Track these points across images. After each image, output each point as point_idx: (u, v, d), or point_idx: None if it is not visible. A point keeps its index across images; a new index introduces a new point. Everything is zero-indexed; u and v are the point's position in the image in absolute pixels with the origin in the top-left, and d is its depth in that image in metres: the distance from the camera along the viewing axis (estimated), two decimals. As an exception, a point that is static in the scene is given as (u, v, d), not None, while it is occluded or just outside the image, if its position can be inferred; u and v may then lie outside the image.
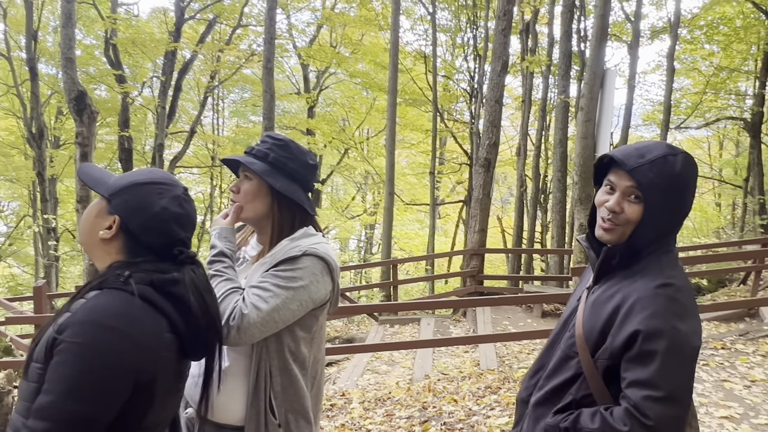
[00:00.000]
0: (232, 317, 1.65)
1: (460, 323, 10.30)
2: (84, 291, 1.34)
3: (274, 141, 1.89)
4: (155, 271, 1.37)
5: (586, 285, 1.58)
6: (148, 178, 1.44)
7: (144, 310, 1.32)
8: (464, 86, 19.56)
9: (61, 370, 1.21)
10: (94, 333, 1.23)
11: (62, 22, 9.83)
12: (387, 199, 14.34)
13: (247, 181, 1.87)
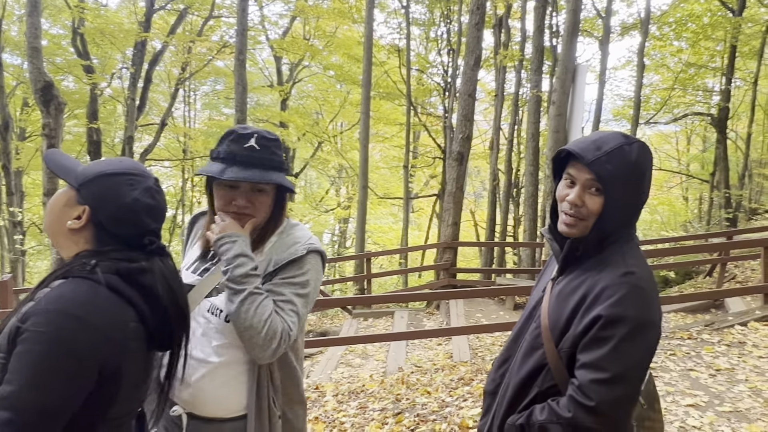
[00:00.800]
0: (282, 340, 1.64)
1: (433, 316, 10.36)
2: (49, 280, 1.32)
3: (272, 142, 1.77)
4: (123, 260, 1.35)
5: (550, 276, 1.60)
6: (119, 169, 1.40)
7: (109, 300, 1.30)
8: (438, 80, 19.62)
9: (24, 359, 1.19)
10: (58, 321, 1.21)
11: (27, 10, 9.59)
12: (361, 192, 14.33)
13: (263, 194, 1.77)
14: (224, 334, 1.73)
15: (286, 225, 1.85)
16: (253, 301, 1.64)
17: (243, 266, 1.67)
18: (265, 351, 1.63)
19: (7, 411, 1.17)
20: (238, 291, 1.65)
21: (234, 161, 1.71)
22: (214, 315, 1.75)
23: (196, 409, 1.74)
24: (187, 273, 1.86)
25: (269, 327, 1.62)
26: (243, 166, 1.70)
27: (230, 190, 1.75)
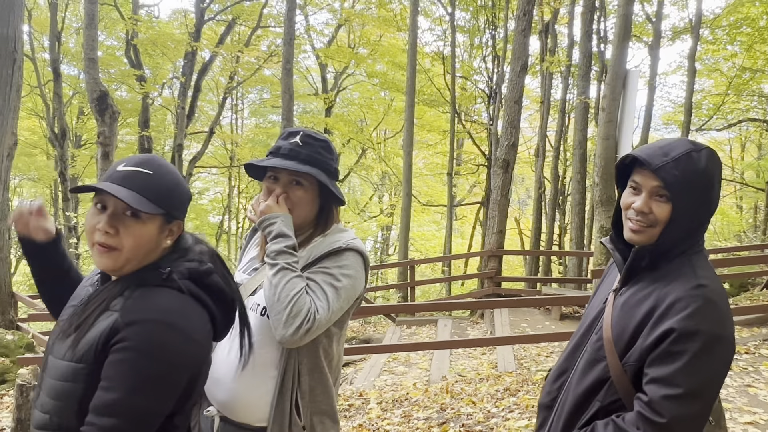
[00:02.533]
0: (307, 319, 1.62)
1: (477, 325, 10.26)
2: (120, 289, 1.34)
3: (319, 143, 1.82)
4: (191, 263, 1.39)
5: (611, 287, 1.55)
6: (176, 174, 1.43)
7: (193, 306, 1.35)
8: (482, 87, 19.50)
9: (125, 368, 1.24)
10: (156, 331, 1.27)
11: (85, 23, 9.96)
12: (404, 199, 14.34)
13: (300, 189, 1.79)
14: (259, 330, 1.73)
15: (335, 229, 1.86)
16: (284, 275, 1.66)
17: (279, 243, 1.70)
18: (289, 328, 1.61)
19: (111, 417, 1.23)
20: (272, 265, 1.68)
21: (277, 154, 1.78)
22: (253, 312, 1.77)
23: (228, 413, 1.74)
24: (239, 273, 1.92)
25: (295, 303, 1.62)
26: (284, 158, 1.76)
27: (272, 182, 1.81)
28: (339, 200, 1.86)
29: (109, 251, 1.33)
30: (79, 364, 1.28)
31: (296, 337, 1.61)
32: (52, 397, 1.31)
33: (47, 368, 1.35)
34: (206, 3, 17.42)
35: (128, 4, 17.77)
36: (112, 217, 1.33)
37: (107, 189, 1.29)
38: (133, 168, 1.35)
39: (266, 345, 1.72)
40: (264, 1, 18.23)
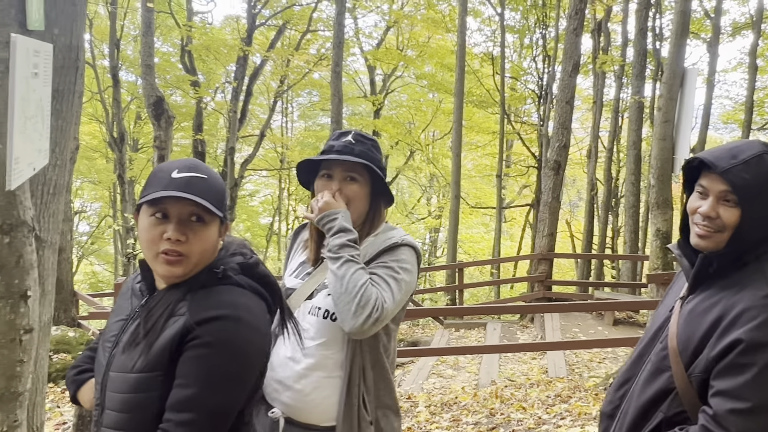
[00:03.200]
0: (375, 308, 1.64)
1: (527, 329, 10.11)
2: (181, 293, 1.36)
3: (370, 141, 1.86)
4: (239, 257, 1.43)
5: (678, 295, 1.49)
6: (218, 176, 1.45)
7: (255, 301, 1.38)
8: (532, 87, 19.21)
9: (201, 364, 1.27)
10: (226, 327, 1.30)
11: (142, 30, 10.28)
12: (453, 201, 14.25)
13: (355, 184, 1.83)
14: (322, 332, 1.76)
15: (385, 228, 1.89)
16: (349, 267, 1.68)
17: (342, 237, 1.73)
18: (358, 318, 1.63)
19: (188, 413, 1.26)
20: (336, 258, 1.71)
21: (330, 152, 1.81)
22: (313, 315, 1.79)
23: (293, 414, 1.76)
24: (290, 278, 1.93)
25: (363, 294, 1.64)
26: (338, 154, 1.79)
27: (327, 181, 1.83)
28: (388, 198, 1.89)
29: (179, 258, 1.34)
30: (153, 372, 1.30)
31: (365, 327, 1.63)
32: (124, 410, 1.33)
33: (109, 384, 1.37)
34: (257, 9, 17.74)
35: (183, 11, 18.28)
36: (180, 224, 1.34)
37: (189, 197, 1.32)
38: (190, 174, 1.37)
39: (331, 347, 1.76)
40: (314, 6, 18.44)
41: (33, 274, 1.90)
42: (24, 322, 1.90)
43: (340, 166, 1.81)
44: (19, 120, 1.56)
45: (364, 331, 1.65)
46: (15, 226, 1.78)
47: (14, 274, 1.83)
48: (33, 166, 1.80)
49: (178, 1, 18.58)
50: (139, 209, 1.40)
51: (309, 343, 1.76)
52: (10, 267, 1.81)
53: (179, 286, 1.38)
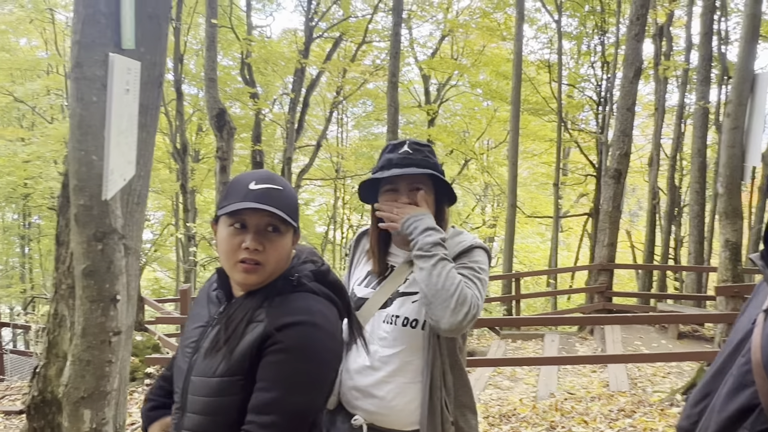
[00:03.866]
0: (473, 305, 1.67)
1: (586, 341, 9.88)
2: (258, 300, 1.42)
3: (426, 147, 1.88)
4: (311, 264, 1.48)
5: (762, 307, 1.45)
6: (284, 183, 1.49)
7: (326, 305, 1.43)
8: (590, 94, 18.86)
9: (282, 369, 1.33)
10: (305, 332, 1.35)
11: (206, 44, 10.64)
12: (509, 210, 14.11)
13: (422, 192, 1.84)
14: (400, 340, 1.79)
15: (452, 233, 1.90)
16: (444, 266, 1.70)
17: (432, 236, 1.74)
18: (456, 316, 1.64)
19: (271, 415, 1.31)
20: (429, 256, 1.71)
21: (391, 166, 1.82)
22: (390, 324, 1.82)
23: (377, 421, 1.80)
24: (360, 288, 1.95)
25: (460, 291, 1.66)
26: (400, 167, 1.81)
27: (393, 194, 1.85)
28: (451, 198, 1.91)
29: (256, 267, 1.40)
30: (235, 377, 1.35)
31: (464, 324, 1.65)
32: (207, 413, 1.38)
33: (190, 388, 1.42)
34: (314, 22, 18.08)
35: (243, 26, 18.80)
36: (258, 234, 1.40)
37: (266, 208, 1.38)
38: (267, 185, 1.43)
39: (411, 354, 1.79)
40: (369, 18, 18.65)
41: (122, 279, 2.02)
42: (113, 324, 2.01)
43: (404, 179, 1.83)
44: (114, 134, 1.67)
45: (461, 329, 1.66)
46: (107, 233, 1.90)
47: (105, 279, 1.95)
48: (123, 177, 1.91)
49: (238, 16, 19.14)
50: (218, 220, 1.47)
51: (387, 351, 1.80)
52: (102, 272, 1.93)
53: (256, 294, 1.44)
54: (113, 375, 2.08)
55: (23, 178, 18.11)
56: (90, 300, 1.94)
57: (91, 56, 1.70)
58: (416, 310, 1.80)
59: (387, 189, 1.86)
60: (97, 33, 1.71)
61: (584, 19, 18.14)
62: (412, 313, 1.80)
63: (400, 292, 1.84)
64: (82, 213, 1.83)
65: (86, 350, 1.99)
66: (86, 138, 1.74)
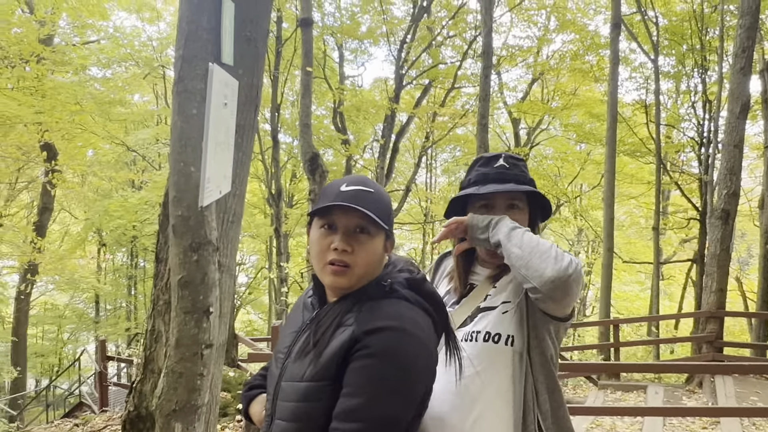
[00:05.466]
0: (573, 263, 1.53)
1: (694, 395, 9.14)
2: (348, 305, 1.39)
3: (522, 162, 1.80)
4: (405, 273, 1.43)
5: None
6: (376, 186, 1.47)
7: (419, 314, 1.37)
8: (691, 135, 18.00)
9: (368, 374, 1.28)
10: (394, 338, 1.30)
11: (301, 92, 11.10)
12: (605, 255, 13.51)
13: (518, 211, 1.76)
14: (482, 357, 1.66)
15: None
16: (533, 235, 1.61)
17: (513, 223, 1.66)
18: (560, 263, 1.51)
19: (356, 422, 1.26)
20: (517, 227, 1.63)
21: (487, 180, 1.74)
22: (469, 341, 1.70)
23: None
24: None
25: (557, 250, 1.54)
26: (497, 183, 1.71)
27: (487, 210, 1.75)
28: (546, 214, 1.82)
29: (345, 269, 1.38)
30: (321, 382, 1.31)
31: (570, 272, 1.51)
32: (293, 419, 1.35)
33: (280, 394, 1.40)
34: (404, 70, 18.52)
35: (335, 76, 19.57)
36: (346, 235, 1.38)
37: (355, 207, 1.36)
38: (357, 187, 1.41)
39: (495, 372, 1.65)
40: (458, 64, 18.90)
41: (215, 291, 2.05)
42: (206, 337, 2.04)
43: (501, 196, 1.73)
44: (212, 143, 1.72)
45: (569, 279, 1.51)
46: (202, 244, 1.94)
47: (199, 291, 1.98)
48: (219, 189, 1.96)
49: (331, 67, 19.95)
50: (311, 223, 1.46)
51: (469, 370, 1.66)
52: (197, 283, 1.97)
53: (347, 298, 1.41)
54: (204, 389, 2.10)
55: (132, 221, 19.40)
56: (184, 311, 1.97)
57: (192, 70, 1.78)
58: (497, 323, 1.67)
59: (481, 205, 1.77)
60: (198, 47, 1.79)
61: (683, 58, 17.50)
62: (493, 326, 1.67)
63: (481, 308, 1.73)
64: (179, 223, 1.88)
65: (179, 362, 2.02)
66: (185, 150, 1.80)
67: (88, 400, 11.39)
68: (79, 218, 24.23)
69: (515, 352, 1.65)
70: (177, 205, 1.86)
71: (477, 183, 1.76)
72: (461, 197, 1.81)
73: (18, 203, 21.71)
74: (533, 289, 1.56)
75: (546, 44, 19.60)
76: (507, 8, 18.40)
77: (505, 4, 18.31)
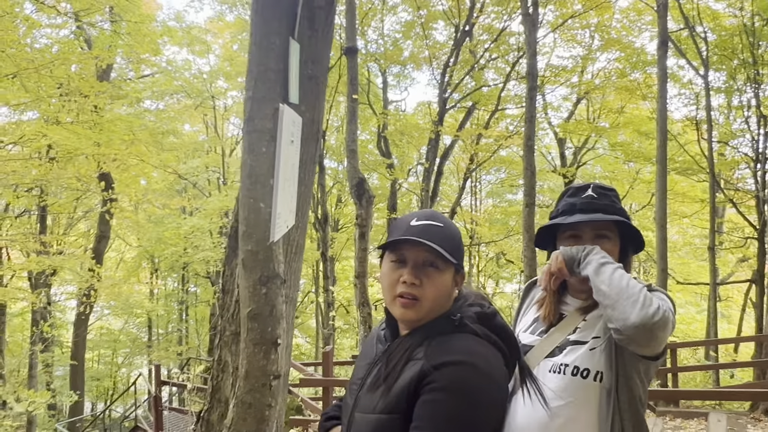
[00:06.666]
0: (661, 309, 1.52)
1: (760, 423, 8.74)
2: (419, 339, 1.41)
3: (612, 192, 1.79)
4: (476, 306, 1.44)
5: None
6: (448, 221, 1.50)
7: (489, 349, 1.38)
8: (746, 150, 17.46)
9: (436, 408, 1.29)
10: (462, 372, 1.31)
11: (347, 118, 11.27)
12: (660, 276, 13.13)
13: (608, 242, 1.74)
14: (568, 391, 1.65)
15: None
16: (624, 274, 1.59)
17: (606, 257, 1.64)
18: (647, 310, 1.49)
19: None
20: (610, 263, 1.61)
21: (574, 210, 1.74)
22: (557, 373, 1.69)
23: None
24: (525, 334, 1.85)
25: (646, 295, 1.52)
26: (584, 213, 1.71)
27: (575, 241, 1.75)
28: (638, 246, 1.79)
29: (413, 302, 1.41)
30: (392, 414, 1.33)
31: (656, 320, 1.50)
32: None
33: (354, 424, 1.43)
34: (448, 93, 18.59)
35: (379, 102, 19.78)
36: (415, 268, 1.41)
37: (423, 242, 1.39)
38: (427, 222, 1.44)
39: (581, 407, 1.64)
40: (502, 86, 18.87)
41: (282, 323, 2.10)
42: (274, 368, 2.09)
43: (589, 225, 1.73)
44: (282, 179, 1.78)
45: (653, 327, 1.50)
46: (270, 278, 2.00)
47: (268, 323, 2.04)
48: (287, 224, 2.02)
49: (375, 93, 20.18)
50: (383, 257, 1.50)
51: (554, 402, 1.64)
52: (265, 315, 2.03)
53: (418, 332, 1.43)
54: (272, 420, 2.14)
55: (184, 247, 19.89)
56: (254, 343, 2.03)
57: (262, 110, 1.85)
58: (587, 358, 1.66)
59: (569, 235, 1.77)
60: (267, 89, 1.86)
61: (734, 72, 17.06)
62: (582, 362, 1.66)
63: (571, 340, 1.72)
64: (249, 258, 1.95)
65: (248, 393, 2.07)
66: (255, 186, 1.87)
67: (144, 424, 11.63)
68: (133, 245, 24.97)
69: (603, 388, 1.63)
70: (247, 239, 1.93)
71: (565, 213, 1.77)
72: (550, 227, 1.83)
73: (76, 231, 22.54)
74: (616, 330, 1.55)
75: (590, 63, 19.40)
76: (550, 29, 18.32)
77: (548, 24, 18.24)
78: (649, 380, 1.70)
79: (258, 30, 1.82)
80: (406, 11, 19.43)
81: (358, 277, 11.03)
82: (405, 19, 19.56)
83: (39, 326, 16.08)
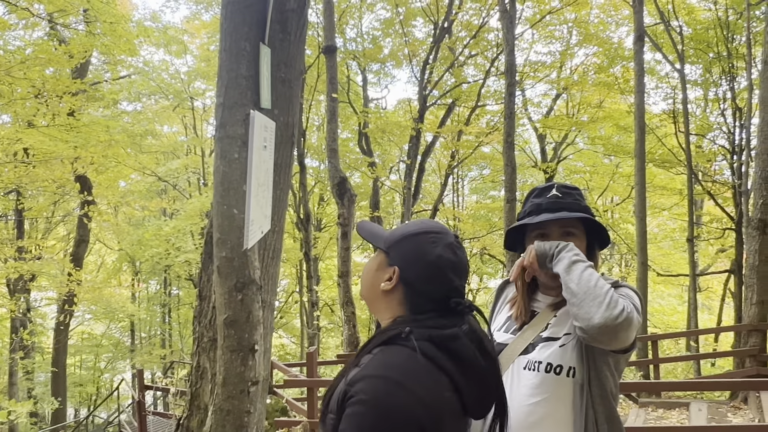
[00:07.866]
0: (626, 310, 1.54)
1: (740, 411, 8.87)
2: (371, 346, 1.38)
3: (575, 190, 1.83)
4: (435, 327, 1.36)
5: None
6: (421, 228, 1.45)
7: (426, 368, 1.31)
8: (722, 143, 17.70)
9: (352, 422, 1.26)
10: (381, 388, 1.26)
11: (327, 118, 11.24)
12: (639, 269, 13.28)
13: (575, 239, 1.77)
14: (543, 387, 1.67)
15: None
16: (593, 273, 1.61)
17: (578, 255, 1.66)
18: (611, 311, 1.51)
19: None
20: (581, 261, 1.63)
21: (540, 210, 1.77)
22: (531, 370, 1.71)
23: None
24: (500, 333, 1.87)
25: (612, 295, 1.54)
26: (551, 212, 1.74)
27: (542, 239, 1.78)
28: (604, 242, 1.82)
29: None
30: (332, 414, 1.31)
31: (619, 321, 1.51)
32: None
33: None
34: (428, 90, 18.62)
35: (360, 100, 19.76)
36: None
37: None
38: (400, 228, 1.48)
39: (555, 403, 1.66)
40: (482, 82, 18.95)
41: (260, 329, 2.09)
42: (252, 374, 2.07)
43: (555, 224, 1.76)
44: (254, 186, 1.77)
45: (616, 328, 1.52)
46: (246, 284, 1.98)
47: (245, 329, 2.02)
48: (261, 229, 2.01)
49: (355, 91, 20.15)
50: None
51: (528, 400, 1.67)
52: (242, 322, 2.01)
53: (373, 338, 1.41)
54: (251, 426, 2.12)
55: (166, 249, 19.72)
56: (230, 350, 2.01)
57: (233, 116, 1.84)
58: (560, 355, 1.69)
59: (537, 234, 1.80)
60: (238, 95, 1.85)
61: (709, 66, 17.28)
62: (556, 358, 1.68)
63: (543, 337, 1.74)
64: (224, 264, 1.93)
65: (226, 400, 2.05)
66: (228, 193, 1.85)
67: (128, 429, 11.53)
68: (113, 248, 24.72)
69: (576, 383, 1.66)
70: (221, 246, 1.91)
71: (531, 214, 1.80)
72: (519, 228, 1.85)
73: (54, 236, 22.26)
74: (581, 329, 1.58)
75: (569, 58, 19.54)
76: (528, 25, 18.42)
77: (526, 21, 18.33)
78: (619, 373, 1.72)
79: (228, 36, 1.81)
80: (384, 9, 19.42)
81: (342, 276, 11.03)
82: (384, 17, 19.56)
83: (18, 333, 15.86)
